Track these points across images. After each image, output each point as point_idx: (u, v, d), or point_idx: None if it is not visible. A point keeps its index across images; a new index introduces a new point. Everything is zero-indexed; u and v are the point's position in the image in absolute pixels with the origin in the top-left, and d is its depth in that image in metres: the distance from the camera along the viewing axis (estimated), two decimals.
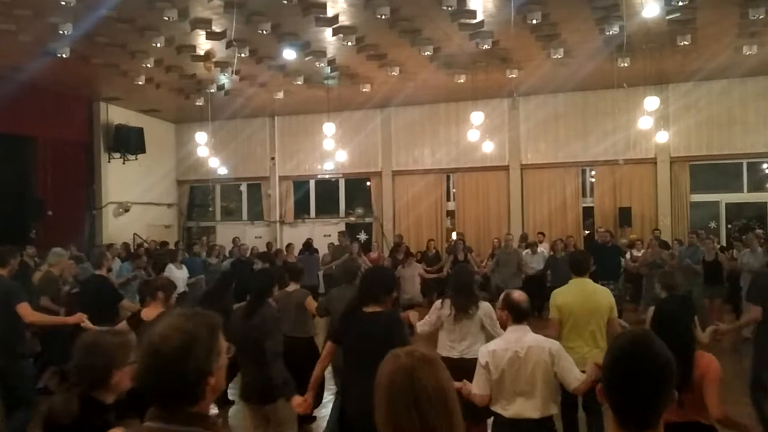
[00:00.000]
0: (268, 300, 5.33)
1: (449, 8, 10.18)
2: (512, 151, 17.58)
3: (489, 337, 5.55)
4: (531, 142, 17.57)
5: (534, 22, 10.65)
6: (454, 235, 17.71)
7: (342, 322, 4.63)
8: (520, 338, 4.22)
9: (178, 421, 1.81)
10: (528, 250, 14.40)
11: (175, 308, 5.63)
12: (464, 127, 15.90)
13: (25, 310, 5.99)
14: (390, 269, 8.31)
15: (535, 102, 17.24)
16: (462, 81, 14.37)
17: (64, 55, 12.14)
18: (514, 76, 14.16)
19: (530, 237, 15.72)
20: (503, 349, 4.20)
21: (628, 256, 13.61)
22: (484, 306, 6.00)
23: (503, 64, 13.67)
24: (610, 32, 11.19)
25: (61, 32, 11.01)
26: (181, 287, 11.31)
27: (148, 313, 5.34)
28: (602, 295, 5.73)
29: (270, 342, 4.79)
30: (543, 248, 14.67)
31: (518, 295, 4.40)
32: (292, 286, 7.22)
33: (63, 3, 9.69)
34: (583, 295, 5.65)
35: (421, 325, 6.06)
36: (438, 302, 6.14)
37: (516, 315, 4.33)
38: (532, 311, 4.44)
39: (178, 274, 11.97)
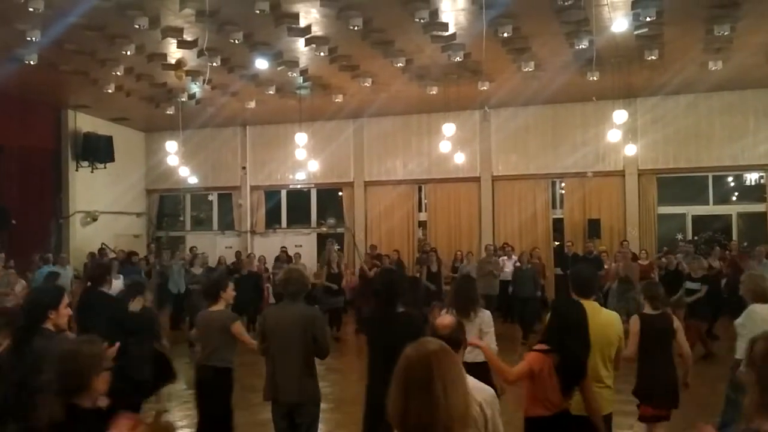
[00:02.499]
0: None
1: (421, 20, 10.25)
2: (483, 163, 17.72)
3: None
4: (502, 154, 17.72)
5: (505, 35, 10.77)
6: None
7: (371, 321, 4.71)
8: None
9: None
10: (504, 257, 14.73)
11: None
12: (436, 139, 15.97)
13: None
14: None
15: (506, 114, 17.40)
16: (434, 93, 14.45)
17: (31, 62, 11.95)
18: (485, 88, 14.28)
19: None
20: None
21: None
22: (485, 314, 5.71)
23: (475, 77, 13.78)
24: (580, 46, 11.35)
25: (28, 39, 10.85)
26: None
27: None
28: (611, 323, 4.74)
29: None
30: (514, 256, 14.91)
31: (447, 321, 3.55)
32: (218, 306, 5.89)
33: (31, 9, 9.55)
34: (590, 323, 4.39)
35: None
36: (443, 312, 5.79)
37: None
38: (461, 342, 3.48)
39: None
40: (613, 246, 15.98)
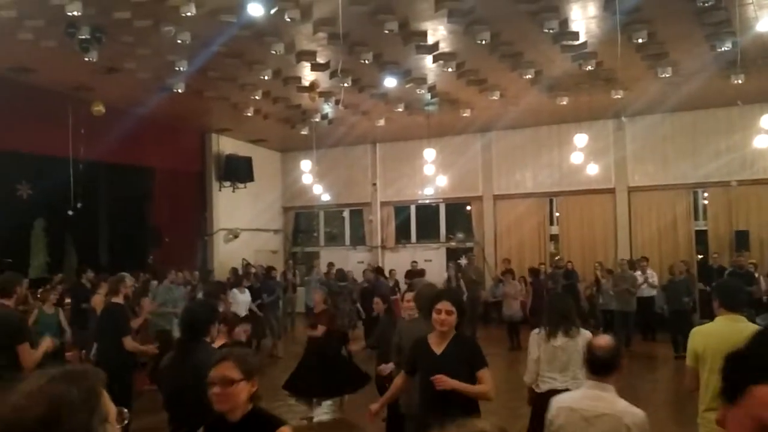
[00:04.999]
0: None
1: (551, 30, 10.09)
2: (618, 173, 17.09)
3: None
4: (638, 164, 17.02)
5: (640, 41, 10.39)
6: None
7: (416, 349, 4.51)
8: (597, 400, 3.37)
9: None
10: (638, 272, 14.09)
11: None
12: (567, 150, 15.62)
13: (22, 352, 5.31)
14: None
15: (642, 123, 16.70)
16: (565, 103, 14.14)
17: (179, 90, 12.88)
18: (619, 96, 13.81)
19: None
20: (572, 409, 3.43)
21: None
22: (587, 334, 5.16)
23: (607, 85, 13.37)
24: (722, 48, 10.74)
25: (177, 68, 11.72)
26: (243, 311, 11.73)
27: None
28: None
29: None
30: (650, 271, 14.28)
31: (604, 342, 3.48)
32: None
33: (179, 41, 10.32)
34: (738, 339, 4.31)
35: (529, 374, 5.38)
36: (534, 332, 5.47)
37: (594, 366, 3.42)
38: (619, 364, 3.44)
39: (241, 299, 12.39)
40: (763, 259, 14.91)
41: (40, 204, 16.01)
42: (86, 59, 10.40)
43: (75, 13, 9.10)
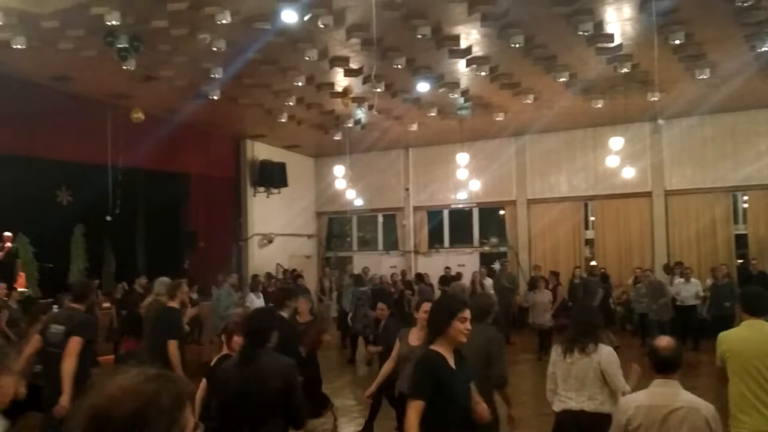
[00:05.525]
0: None
1: (585, 33, 9.99)
2: (655, 177, 16.82)
3: (612, 393, 4.66)
4: (676, 167, 16.75)
5: (677, 42, 10.24)
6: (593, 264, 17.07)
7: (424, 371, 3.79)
8: (670, 395, 3.61)
9: None
10: (682, 279, 13.70)
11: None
12: (602, 153, 15.44)
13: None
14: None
15: (680, 125, 16.42)
16: (600, 106, 14.00)
17: (214, 97, 13.05)
18: (655, 99, 13.60)
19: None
20: (650, 406, 3.61)
21: None
22: (605, 351, 4.77)
23: (644, 87, 13.19)
24: (762, 48, 10.53)
25: (212, 76, 11.88)
26: None
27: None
28: None
29: None
30: (694, 279, 13.88)
31: (665, 343, 3.73)
32: None
33: (215, 49, 10.47)
34: (760, 343, 4.36)
35: (547, 391, 5.08)
36: (555, 346, 5.18)
37: (660, 366, 3.67)
38: (682, 361, 3.73)
39: (258, 303, 12.41)
40: None
41: (79, 210, 16.33)
42: (124, 67, 10.60)
43: (113, 23, 9.30)
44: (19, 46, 10.05)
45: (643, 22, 9.92)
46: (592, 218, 18.05)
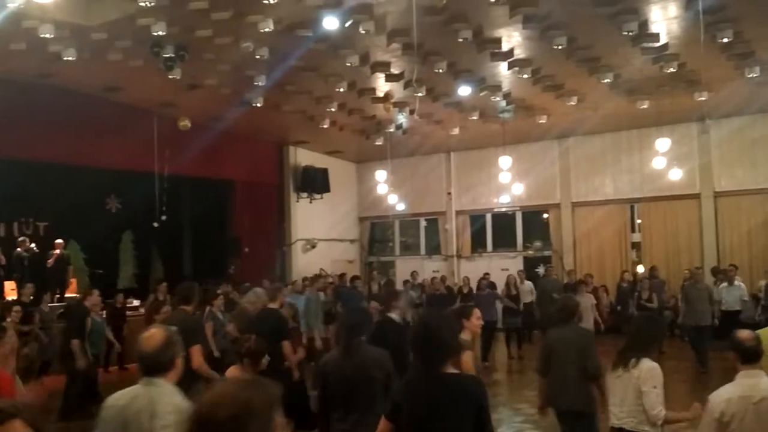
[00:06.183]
0: None
1: (630, 33, 9.83)
2: (703, 178, 16.44)
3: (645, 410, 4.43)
4: (725, 168, 16.34)
5: (725, 40, 9.99)
6: (639, 269, 16.72)
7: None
8: (758, 385, 3.78)
9: None
10: (725, 284, 13.27)
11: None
12: (648, 155, 15.18)
13: (195, 353, 5.75)
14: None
15: (729, 125, 16.01)
16: (645, 107, 13.75)
17: (257, 104, 13.22)
18: (703, 98, 13.31)
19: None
20: (741, 397, 3.76)
21: None
22: (646, 366, 4.46)
23: (690, 87, 12.92)
24: None
25: (255, 83, 12.03)
26: None
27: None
28: None
29: None
30: (738, 282, 13.38)
31: (746, 335, 3.94)
32: None
33: (258, 57, 10.61)
34: None
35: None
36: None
37: (744, 356, 3.87)
38: (762, 350, 3.94)
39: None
40: None
41: (128, 217, 16.74)
42: (170, 77, 10.82)
43: (160, 33, 9.50)
44: (70, 58, 10.33)
45: (689, 21, 9.71)
46: (639, 221, 17.72)
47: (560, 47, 10.28)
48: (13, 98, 12.02)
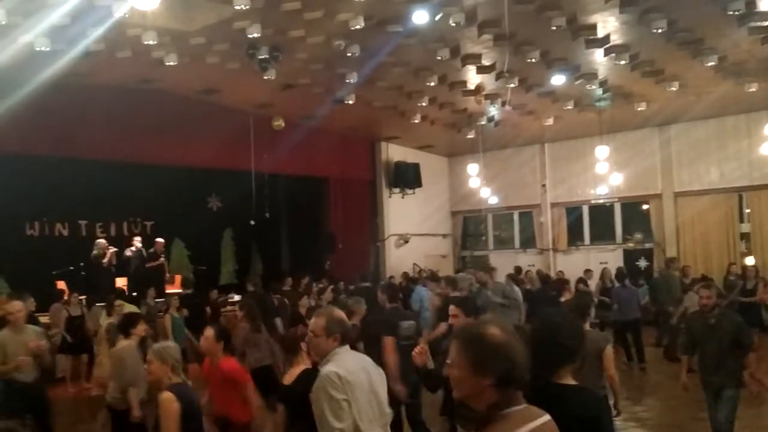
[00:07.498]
0: None
1: (736, 12, 9.31)
2: None
3: None
4: None
5: None
6: (748, 261, 15.80)
7: None
8: None
9: None
10: None
11: None
12: (757, 140, 14.40)
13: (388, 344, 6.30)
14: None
15: None
16: (754, 90, 13.00)
17: (349, 101, 13.38)
18: None
19: None
20: None
21: None
22: None
23: None
24: None
25: (347, 81, 12.18)
26: None
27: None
28: None
29: None
30: None
31: None
32: None
33: (349, 54, 10.73)
34: None
35: None
36: None
37: None
38: None
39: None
40: None
41: (228, 215, 17.32)
42: (265, 77, 11.10)
43: (255, 35, 9.76)
44: (171, 63, 10.77)
45: None
46: (747, 210, 16.79)
47: (659, 31, 9.84)
48: (120, 104, 12.67)
